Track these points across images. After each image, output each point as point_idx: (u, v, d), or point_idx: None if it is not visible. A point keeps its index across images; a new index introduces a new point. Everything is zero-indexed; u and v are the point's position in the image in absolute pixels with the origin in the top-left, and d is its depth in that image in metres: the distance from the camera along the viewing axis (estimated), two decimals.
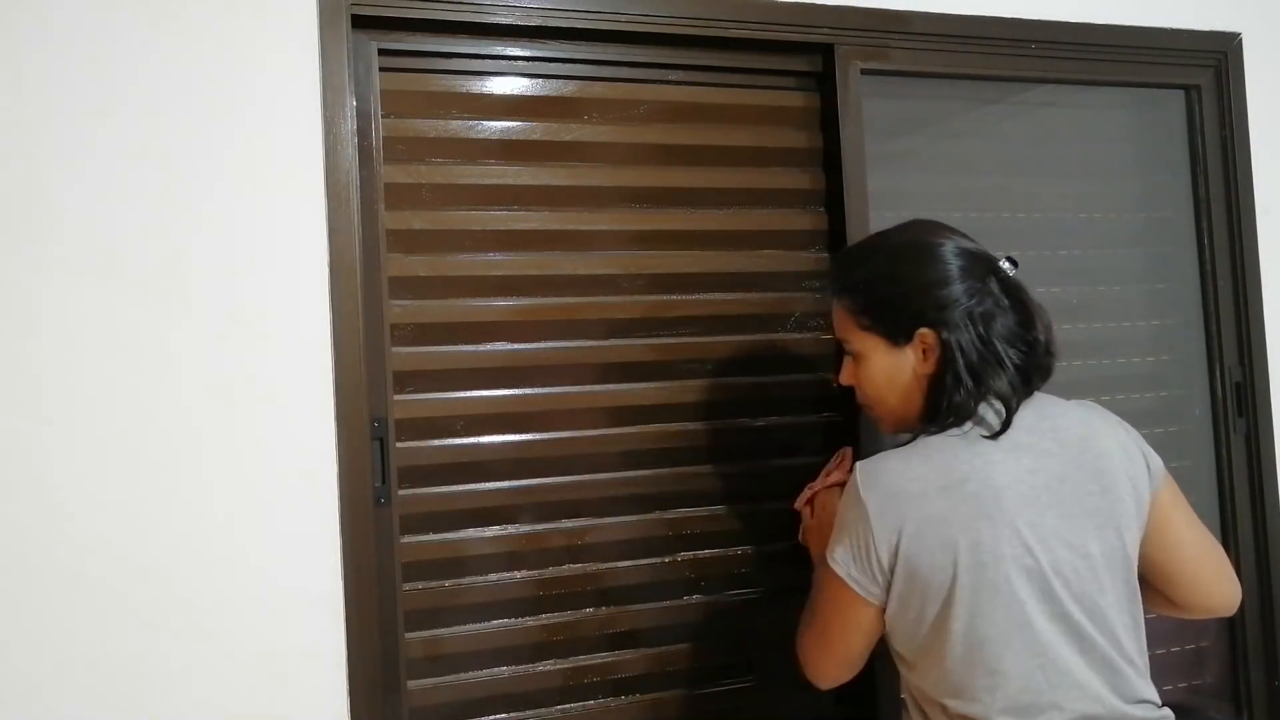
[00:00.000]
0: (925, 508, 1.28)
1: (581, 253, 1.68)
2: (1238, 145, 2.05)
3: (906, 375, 1.38)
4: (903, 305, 1.36)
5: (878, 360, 1.39)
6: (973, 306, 1.34)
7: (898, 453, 1.34)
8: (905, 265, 1.38)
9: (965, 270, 1.36)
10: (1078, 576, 1.30)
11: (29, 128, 1.36)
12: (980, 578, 1.27)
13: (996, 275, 1.37)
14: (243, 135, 1.45)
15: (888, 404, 1.41)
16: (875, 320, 1.38)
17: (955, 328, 1.33)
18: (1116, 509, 1.33)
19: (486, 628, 1.61)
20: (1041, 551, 1.28)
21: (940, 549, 1.27)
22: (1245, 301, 2.04)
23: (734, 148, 1.78)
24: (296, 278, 1.47)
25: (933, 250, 1.37)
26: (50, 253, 1.37)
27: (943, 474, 1.30)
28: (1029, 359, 1.35)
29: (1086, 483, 1.33)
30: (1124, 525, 1.33)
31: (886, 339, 1.38)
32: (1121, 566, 1.33)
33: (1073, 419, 1.37)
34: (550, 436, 1.65)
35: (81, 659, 1.35)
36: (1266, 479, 2.03)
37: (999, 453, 1.31)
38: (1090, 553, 1.31)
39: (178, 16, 1.43)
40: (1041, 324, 1.37)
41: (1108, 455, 1.35)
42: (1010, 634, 1.27)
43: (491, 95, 1.65)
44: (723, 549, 1.73)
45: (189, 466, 1.41)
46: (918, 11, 1.83)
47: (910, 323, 1.36)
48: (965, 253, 1.38)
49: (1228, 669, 2.05)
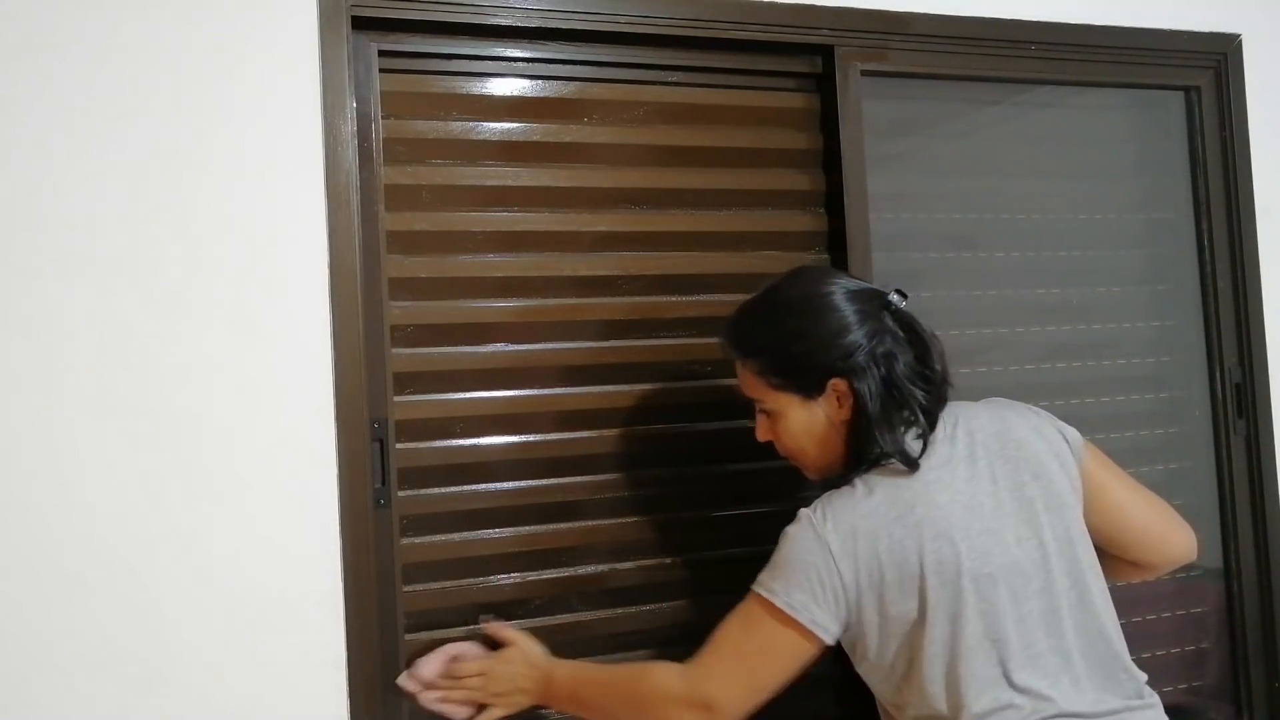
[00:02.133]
0: (883, 540, 1.30)
1: (581, 254, 1.68)
2: (1238, 146, 2.05)
3: (823, 425, 1.40)
4: (811, 360, 1.38)
5: (794, 415, 1.42)
6: (874, 348, 1.36)
7: (841, 493, 1.36)
8: (805, 320, 1.39)
9: (861, 313, 1.38)
10: (1039, 568, 1.32)
11: (29, 129, 1.36)
12: (947, 597, 1.29)
13: (889, 310, 1.40)
14: (242, 136, 1.45)
15: (809, 454, 1.44)
16: (786, 379, 1.41)
17: (862, 372, 1.36)
18: (1052, 490, 1.36)
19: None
20: (998, 555, 1.31)
21: (906, 578, 1.29)
22: (1245, 302, 2.04)
23: (734, 149, 1.78)
24: (296, 279, 1.47)
25: (827, 299, 1.39)
26: (47, 254, 1.37)
27: (889, 505, 1.32)
28: (930, 389, 1.38)
29: (1017, 475, 1.36)
30: (1065, 503, 1.36)
31: (799, 395, 1.40)
32: (1079, 544, 1.36)
33: (984, 419, 1.41)
34: (550, 438, 1.65)
35: (81, 659, 1.35)
36: (1266, 480, 2.03)
37: (932, 472, 1.34)
38: (1043, 541, 1.34)
39: (177, 18, 1.43)
40: (936, 353, 1.40)
41: (1027, 443, 1.38)
42: (979, 646, 1.28)
43: (491, 97, 1.65)
44: (723, 550, 1.73)
45: (188, 468, 1.41)
46: (918, 13, 1.83)
47: (821, 375, 1.38)
48: (858, 294, 1.40)
49: (1228, 670, 2.05)
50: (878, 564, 1.29)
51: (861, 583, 1.30)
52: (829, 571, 1.30)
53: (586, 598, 1.66)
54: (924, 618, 1.29)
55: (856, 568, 1.30)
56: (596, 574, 1.67)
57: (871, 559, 1.30)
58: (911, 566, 1.29)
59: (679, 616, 1.70)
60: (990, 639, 1.29)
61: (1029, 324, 1.97)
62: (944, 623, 1.29)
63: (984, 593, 1.29)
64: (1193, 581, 2.04)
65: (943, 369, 1.40)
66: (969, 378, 1.92)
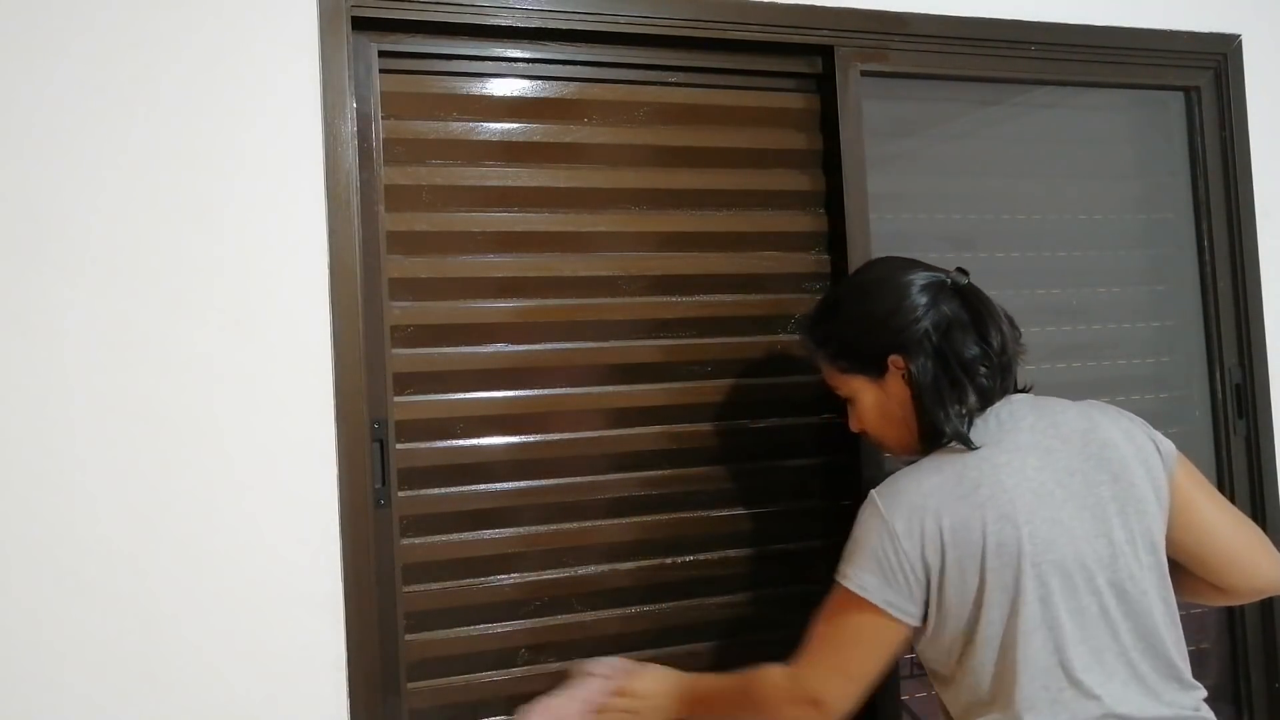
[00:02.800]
0: (946, 518, 1.30)
1: (581, 254, 1.68)
2: (1237, 147, 2.05)
3: (895, 404, 1.42)
4: (869, 339, 1.42)
5: (867, 398, 1.45)
6: (930, 324, 1.38)
7: (906, 472, 1.37)
8: (864, 303, 1.44)
9: (922, 290, 1.40)
10: (1103, 565, 1.31)
11: (29, 129, 1.37)
12: (1006, 579, 1.29)
13: (948, 287, 1.41)
14: (242, 137, 1.45)
15: (890, 436, 1.46)
16: (852, 361, 1.44)
17: (917, 347, 1.37)
18: (1132, 494, 1.34)
19: (486, 630, 1.60)
20: (1064, 545, 1.30)
21: (967, 556, 1.29)
22: (1245, 303, 2.04)
23: (734, 149, 1.78)
24: (297, 279, 1.47)
25: (888, 281, 1.43)
26: (47, 254, 1.37)
27: (955, 483, 1.32)
28: (990, 366, 1.38)
29: (1095, 473, 1.34)
30: (1144, 510, 1.35)
31: (866, 376, 1.43)
32: (1147, 550, 1.34)
33: (1073, 414, 1.40)
34: (550, 438, 1.65)
35: (81, 659, 1.35)
36: (1267, 480, 2.03)
37: (1004, 455, 1.34)
38: (1114, 539, 1.32)
39: (177, 18, 1.43)
40: (997, 328, 1.40)
41: (1113, 445, 1.37)
42: (1036, 632, 1.28)
43: (492, 97, 1.65)
44: (723, 551, 1.73)
45: (189, 468, 1.41)
46: (918, 13, 1.83)
47: (880, 353, 1.41)
48: (919, 277, 1.42)
49: (1228, 670, 2.05)
50: (940, 541, 1.29)
51: (929, 560, 1.30)
52: (896, 552, 1.30)
53: (587, 598, 1.66)
54: (982, 597, 1.29)
55: (922, 546, 1.30)
56: (596, 574, 1.67)
57: (935, 536, 1.29)
58: (974, 545, 1.29)
59: (679, 617, 1.70)
60: (1048, 628, 1.28)
61: (1029, 324, 1.96)
62: (1002, 604, 1.28)
63: (1044, 580, 1.28)
64: None
65: (1004, 344, 1.39)
66: None
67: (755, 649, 1.72)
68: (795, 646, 1.42)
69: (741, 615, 1.73)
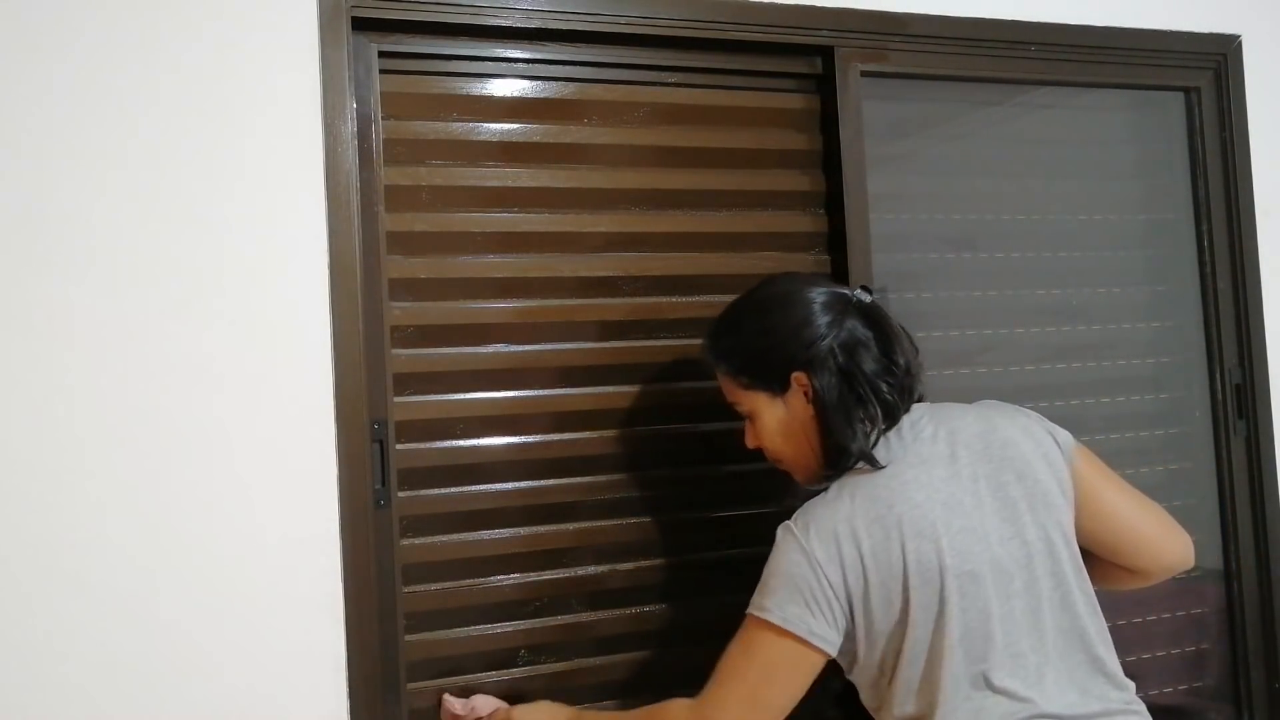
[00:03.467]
0: (865, 542, 1.30)
1: (581, 255, 1.68)
2: (1237, 147, 2.05)
3: (797, 422, 1.41)
4: (773, 354, 1.40)
5: (766, 414, 1.43)
6: (834, 340, 1.37)
7: (818, 500, 1.36)
8: (768, 318, 1.42)
9: (824, 307, 1.39)
10: (1020, 566, 1.32)
11: (29, 130, 1.37)
12: (929, 596, 1.29)
13: (854, 305, 1.41)
14: (243, 137, 1.45)
15: (790, 454, 1.44)
16: (753, 377, 1.43)
17: (821, 363, 1.37)
18: (1037, 490, 1.35)
19: (486, 630, 1.61)
20: (979, 552, 1.30)
21: (890, 578, 1.29)
22: (1245, 303, 2.04)
23: (734, 150, 1.78)
24: (297, 280, 1.47)
25: (789, 297, 1.42)
26: (48, 255, 1.37)
27: (869, 505, 1.32)
28: (894, 382, 1.38)
29: (1000, 475, 1.35)
30: (1051, 504, 1.36)
31: (768, 392, 1.42)
32: (1063, 544, 1.35)
33: (970, 418, 1.41)
34: (550, 439, 1.65)
35: (81, 658, 1.35)
36: (1267, 481, 2.03)
37: (910, 470, 1.34)
38: (1027, 540, 1.33)
39: (177, 19, 1.43)
40: (902, 348, 1.40)
41: (1013, 443, 1.38)
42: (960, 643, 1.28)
43: (491, 97, 1.65)
44: (723, 551, 1.73)
45: (189, 468, 1.41)
46: (917, 14, 1.83)
47: (783, 369, 1.39)
48: (822, 293, 1.42)
49: (1228, 671, 2.05)
50: (861, 566, 1.29)
51: (851, 586, 1.29)
52: (818, 580, 1.29)
53: (586, 598, 1.66)
54: (906, 617, 1.29)
55: (843, 572, 1.29)
56: (596, 575, 1.67)
57: (855, 561, 1.29)
58: (895, 566, 1.29)
59: (679, 617, 1.70)
60: (971, 638, 1.28)
61: (1029, 325, 1.98)
62: (926, 622, 1.28)
63: (966, 590, 1.29)
64: (1193, 582, 2.04)
65: (908, 363, 1.40)
66: (969, 378, 1.92)
67: None
68: None
69: (742, 616, 1.73)
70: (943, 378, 1.89)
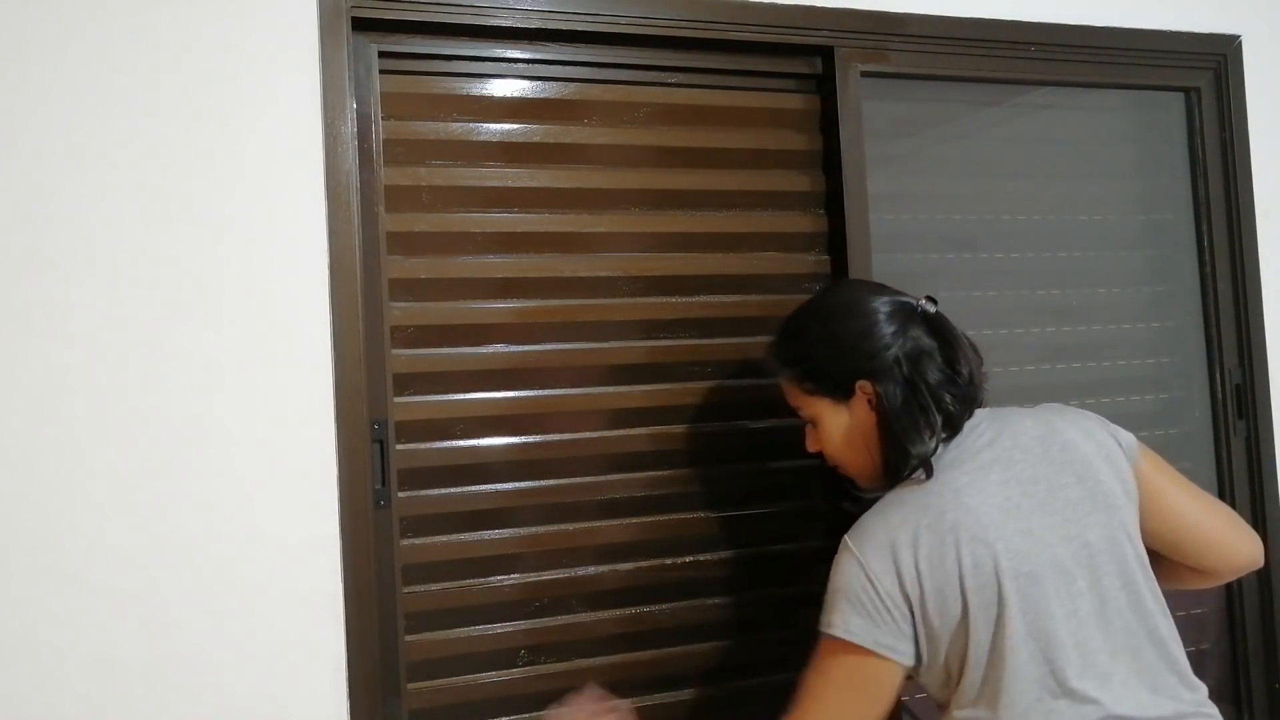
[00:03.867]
0: (919, 549, 1.29)
1: (581, 255, 1.68)
2: (1237, 147, 2.05)
3: (860, 429, 1.41)
4: (838, 362, 1.41)
5: (830, 421, 1.44)
6: (900, 350, 1.38)
7: (871, 513, 1.37)
8: (834, 324, 1.43)
9: (890, 317, 1.40)
10: (1082, 567, 1.31)
11: (30, 130, 1.37)
12: (988, 598, 1.28)
13: (919, 315, 1.42)
14: (243, 138, 1.45)
15: (851, 461, 1.45)
16: (817, 383, 1.43)
17: (886, 373, 1.37)
18: (1099, 491, 1.35)
19: (486, 630, 1.61)
20: (1038, 553, 1.30)
21: (946, 583, 1.28)
22: (1245, 303, 2.04)
23: (734, 150, 1.78)
24: (297, 280, 1.47)
25: (856, 305, 1.43)
26: (48, 256, 1.37)
27: (921, 513, 1.32)
28: (957, 392, 1.38)
29: (1059, 477, 1.35)
30: (1115, 505, 1.35)
31: (831, 399, 1.43)
32: (1129, 544, 1.34)
33: (1030, 422, 1.41)
34: (550, 439, 1.65)
35: (82, 658, 1.36)
36: (1267, 481, 2.03)
37: (964, 476, 1.34)
38: (1089, 540, 1.32)
39: (177, 19, 1.44)
40: (965, 358, 1.40)
41: (1073, 445, 1.37)
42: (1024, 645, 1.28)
43: (491, 98, 1.65)
44: (723, 551, 1.73)
45: (189, 469, 1.41)
46: (917, 14, 1.83)
47: (848, 377, 1.40)
48: (887, 302, 1.42)
49: (1228, 671, 2.05)
50: (916, 573, 1.29)
51: (909, 593, 1.29)
52: (876, 591, 1.29)
53: (587, 599, 1.66)
54: (966, 620, 1.28)
55: (900, 580, 1.29)
56: (596, 574, 1.67)
57: (910, 568, 1.29)
58: (950, 571, 1.28)
59: (679, 618, 1.70)
60: (1035, 638, 1.27)
61: (1029, 325, 1.98)
62: (986, 624, 1.28)
63: (1026, 591, 1.28)
64: None
65: (971, 372, 1.40)
66: None
67: (755, 649, 1.73)
68: (795, 648, 1.42)
69: (742, 616, 1.73)
70: None
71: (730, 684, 1.72)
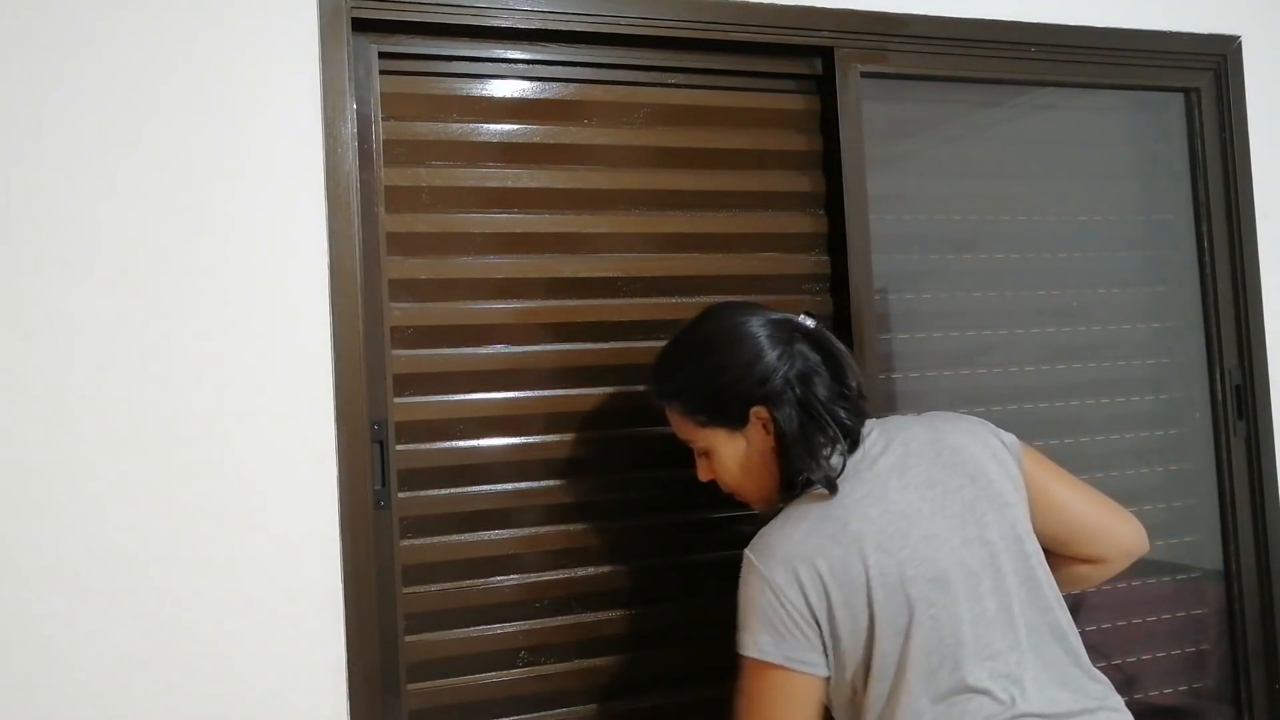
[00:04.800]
0: (822, 561, 1.29)
1: (581, 256, 1.68)
2: (1237, 148, 2.06)
3: (756, 456, 1.41)
4: (730, 392, 1.39)
5: (726, 450, 1.43)
6: (789, 371, 1.37)
7: (773, 525, 1.36)
8: (718, 353, 1.41)
9: (773, 339, 1.39)
10: (986, 568, 1.32)
11: (31, 131, 1.37)
12: (895, 607, 1.28)
13: (801, 333, 1.41)
14: (243, 138, 1.45)
15: (747, 487, 1.45)
16: (711, 415, 1.42)
17: (779, 396, 1.37)
18: (992, 491, 1.36)
19: (486, 631, 1.61)
20: (943, 557, 1.31)
21: (853, 594, 1.28)
22: (1245, 304, 2.04)
23: (734, 151, 1.78)
24: (297, 280, 1.47)
25: (736, 330, 1.41)
26: (50, 257, 1.37)
27: (823, 525, 1.32)
28: (849, 406, 1.39)
29: (953, 479, 1.36)
30: (1008, 503, 1.37)
31: (726, 428, 1.42)
32: (1025, 541, 1.36)
33: (916, 429, 1.42)
34: (550, 439, 1.65)
35: (82, 659, 1.35)
36: (1267, 481, 2.03)
37: (864, 486, 1.34)
38: (990, 540, 1.33)
39: (178, 20, 1.44)
40: (851, 370, 1.41)
41: (962, 448, 1.39)
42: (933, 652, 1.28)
43: (491, 98, 1.65)
44: (723, 552, 1.73)
45: (189, 469, 1.41)
46: (917, 15, 1.83)
47: (742, 405, 1.39)
48: (767, 323, 1.41)
49: (1228, 671, 2.05)
50: (821, 585, 1.28)
51: (815, 605, 1.29)
52: (782, 605, 1.29)
53: (586, 599, 1.66)
54: (873, 631, 1.28)
55: (805, 593, 1.28)
56: (596, 575, 1.67)
57: (814, 581, 1.29)
58: (857, 581, 1.28)
59: (679, 618, 1.70)
60: (944, 644, 1.28)
61: (1029, 326, 1.98)
62: (895, 635, 1.28)
63: (932, 598, 1.28)
64: (1192, 582, 2.05)
65: (859, 384, 1.41)
66: (969, 379, 1.92)
67: None
68: None
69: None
70: (943, 378, 1.89)
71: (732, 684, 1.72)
